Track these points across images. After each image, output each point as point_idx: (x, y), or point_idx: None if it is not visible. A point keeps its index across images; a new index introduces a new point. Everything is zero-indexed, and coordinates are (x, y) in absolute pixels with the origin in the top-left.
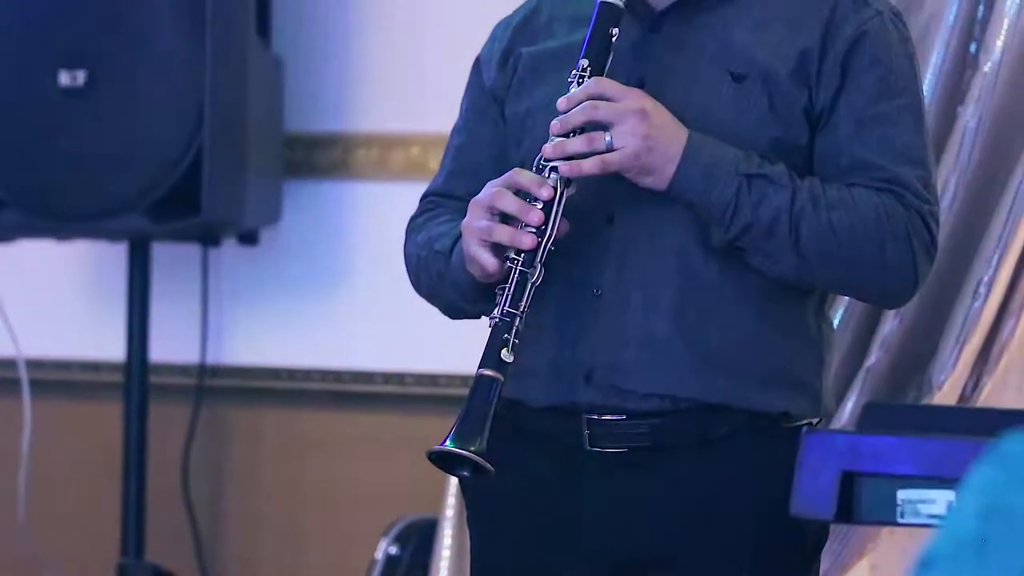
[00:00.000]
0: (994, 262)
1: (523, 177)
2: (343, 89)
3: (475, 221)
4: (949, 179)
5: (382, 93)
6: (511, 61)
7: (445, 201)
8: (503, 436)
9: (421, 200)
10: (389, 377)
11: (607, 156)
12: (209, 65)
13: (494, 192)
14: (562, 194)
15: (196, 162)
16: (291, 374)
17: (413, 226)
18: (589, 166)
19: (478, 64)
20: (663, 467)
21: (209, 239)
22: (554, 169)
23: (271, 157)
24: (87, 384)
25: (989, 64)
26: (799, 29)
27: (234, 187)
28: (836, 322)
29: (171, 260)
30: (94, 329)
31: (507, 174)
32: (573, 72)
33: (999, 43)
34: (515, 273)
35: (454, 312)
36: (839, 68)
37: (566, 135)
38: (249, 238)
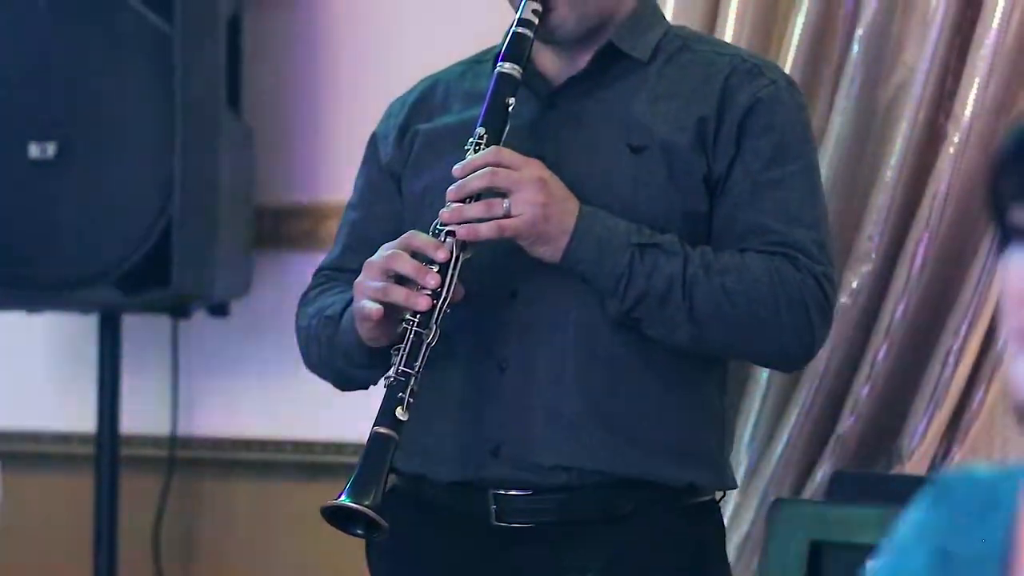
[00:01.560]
0: (963, 331)
1: (419, 240)
2: (314, 160)
3: (369, 281)
4: (918, 248)
5: (352, 164)
6: (408, 137)
7: (339, 275)
8: (408, 511)
9: (314, 275)
10: (360, 448)
11: (504, 221)
12: (179, 137)
13: (390, 254)
14: (458, 257)
15: (166, 234)
16: (262, 445)
17: (305, 300)
18: (486, 230)
19: (374, 141)
20: (569, 542)
21: (179, 311)
22: (450, 233)
23: (241, 228)
24: (58, 456)
25: (958, 135)
26: (696, 99)
27: (204, 259)
28: (811, 390)
29: (141, 332)
30: (65, 401)
31: (403, 236)
32: (470, 140)
33: (967, 113)
34: (410, 334)
35: (342, 381)
36: (734, 136)
37: (463, 201)
38: (219, 310)
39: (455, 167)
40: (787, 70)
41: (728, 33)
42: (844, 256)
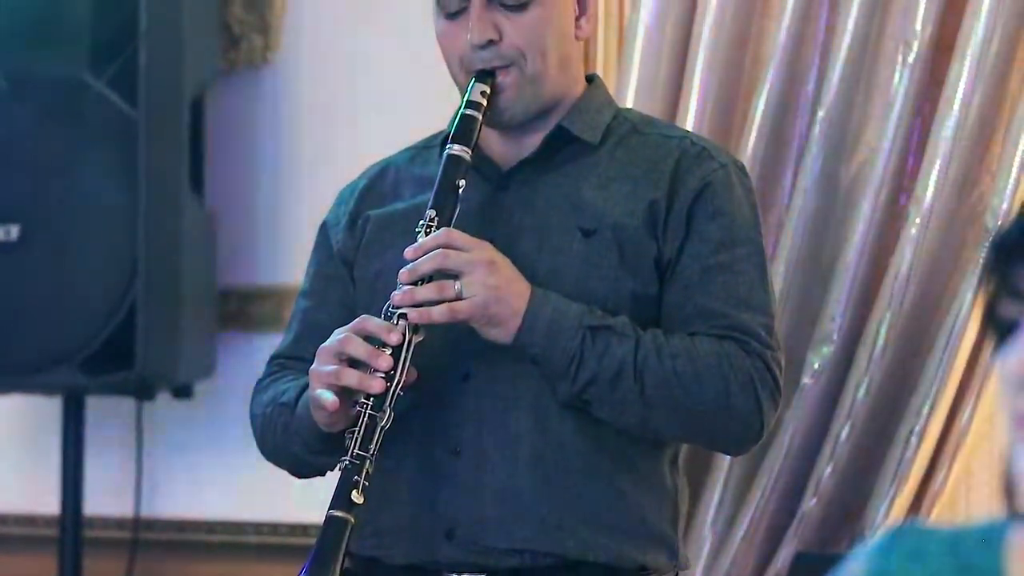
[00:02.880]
0: (925, 412)
1: (371, 324)
2: (277, 242)
3: (323, 366)
4: (880, 328)
5: None
6: (359, 224)
7: (292, 363)
8: None
9: (268, 363)
10: None
11: (456, 304)
12: (142, 220)
13: (343, 338)
14: (410, 340)
15: (130, 316)
16: (226, 527)
17: (259, 388)
18: (438, 314)
19: (325, 228)
20: None
21: (143, 393)
22: (403, 316)
23: (205, 310)
24: (22, 538)
25: (919, 216)
26: (646, 183)
27: (168, 341)
28: (773, 470)
29: (106, 414)
30: (29, 483)
31: (355, 321)
32: (421, 222)
33: (928, 194)
34: (364, 417)
35: (300, 468)
36: (684, 219)
37: (414, 283)
38: (183, 391)
39: (407, 249)
40: (749, 150)
41: (691, 112)
42: (806, 337)
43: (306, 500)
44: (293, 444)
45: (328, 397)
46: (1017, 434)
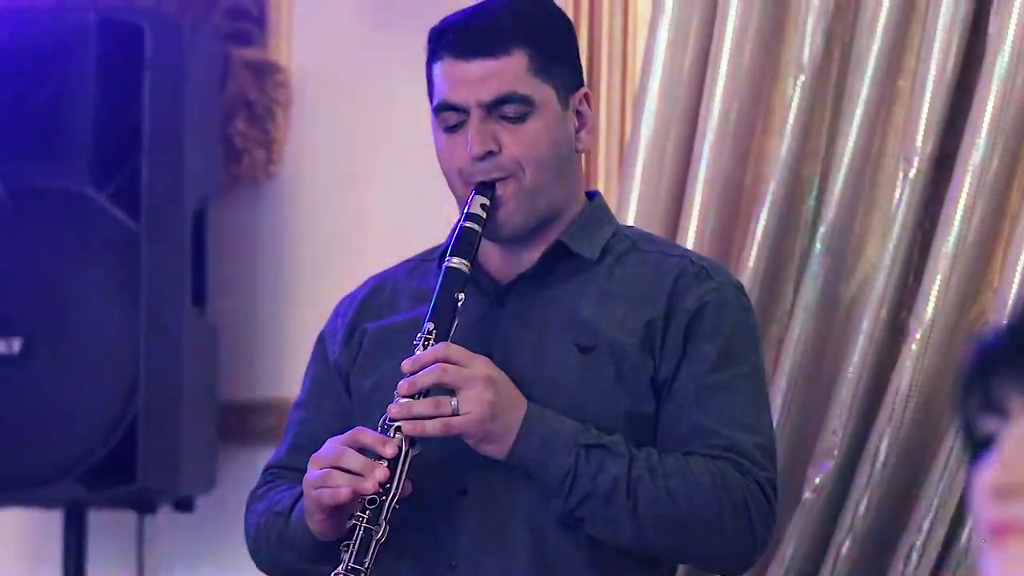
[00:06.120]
0: (926, 528)
1: (367, 436)
2: (278, 356)
3: (316, 474)
4: (881, 443)
5: None
6: (356, 336)
7: (286, 473)
8: None
9: (263, 473)
10: None
11: (451, 420)
12: (144, 335)
13: (337, 449)
14: (407, 453)
15: (131, 430)
16: None
17: (253, 497)
18: (432, 428)
19: (322, 339)
20: None
21: (144, 506)
22: (399, 429)
23: (206, 424)
24: None
25: (920, 331)
26: (644, 301)
27: (169, 454)
28: None
29: (107, 527)
30: None
31: (350, 432)
32: (418, 335)
33: (929, 310)
34: (359, 530)
35: None
36: (681, 338)
37: (411, 396)
38: (185, 505)
39: (404, 362)
40: (750, 266)
41: (691, 229)
42: (807, 451)
43: None
44: (287, 553)
45: (327, 494)
46: (991, 544)
